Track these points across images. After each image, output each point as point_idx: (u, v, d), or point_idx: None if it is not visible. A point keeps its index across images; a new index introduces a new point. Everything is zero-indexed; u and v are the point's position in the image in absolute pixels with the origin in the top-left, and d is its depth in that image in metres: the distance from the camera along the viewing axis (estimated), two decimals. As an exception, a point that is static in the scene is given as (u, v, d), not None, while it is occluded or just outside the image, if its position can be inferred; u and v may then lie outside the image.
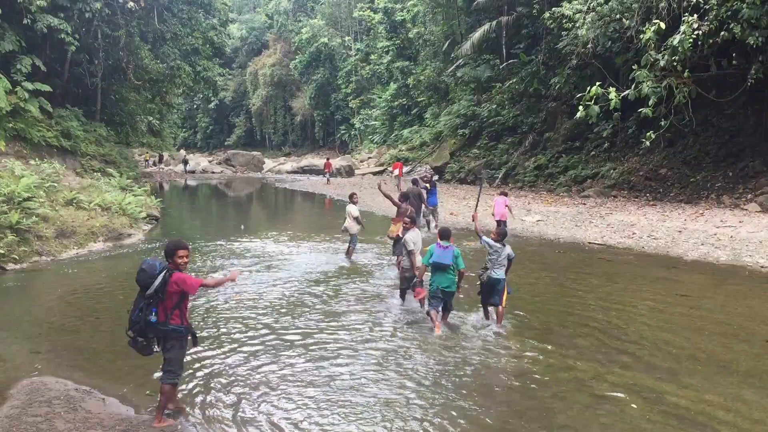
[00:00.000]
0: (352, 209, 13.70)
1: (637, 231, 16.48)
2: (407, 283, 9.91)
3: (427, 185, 17.75)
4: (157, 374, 6.14)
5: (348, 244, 14.11)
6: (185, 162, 54.76)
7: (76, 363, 7.52)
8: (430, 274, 8.92)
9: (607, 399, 6.38)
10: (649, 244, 15.09)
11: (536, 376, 7.04)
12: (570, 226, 18.17)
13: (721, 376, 6.97)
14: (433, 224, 17.58)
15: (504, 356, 7.71)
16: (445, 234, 8.87)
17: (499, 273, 8.76)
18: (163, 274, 5.51)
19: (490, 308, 8.97)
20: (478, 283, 8.96)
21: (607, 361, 7.46)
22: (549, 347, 7.94)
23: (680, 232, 15.80)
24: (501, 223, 16.19)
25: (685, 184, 21.30)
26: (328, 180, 42.41)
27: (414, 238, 9.76)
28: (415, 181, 17.54)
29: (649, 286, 11.44)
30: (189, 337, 5.78)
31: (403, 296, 10.19)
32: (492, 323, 8.88)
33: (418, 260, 9.53)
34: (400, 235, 10.84)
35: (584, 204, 22.07)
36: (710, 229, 15.67)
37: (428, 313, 8.79)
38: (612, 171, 24.54)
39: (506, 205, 16.97)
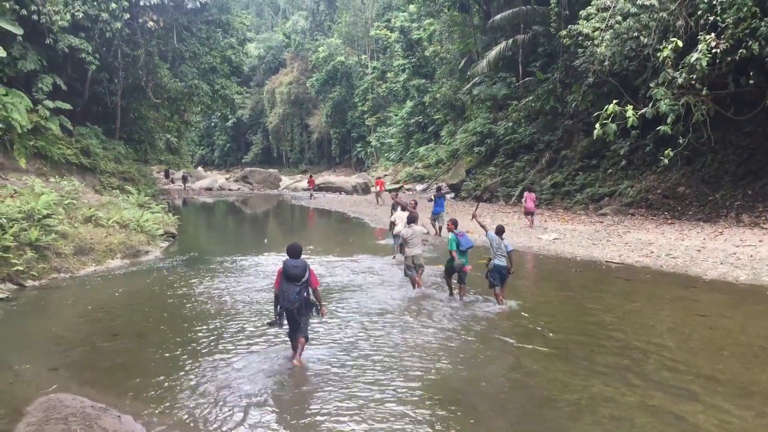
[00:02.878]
0: (403, 215, 15.31)
1: (655, 249, 16.30)
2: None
3: (431, 197, 20.91)
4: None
5: (395, 245, 16.21)
6: (184, 179, 54.87)
7: (92, 380, 7.57)
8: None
9: (625, 420, 6.29)
10: (668, 262, 14.92)
11: (552, 394, 6.97)
12: (587, 244, 18.02)
13: (741, 397, 6.85)
14: (438, 228, 20.39)
15: (519, 374, 7.64)
16: (456, 223, 11.54)
17: (501, 261, 10.81)
18: (308, 267, 7.77)
19: (496, 289, 10.95)
20: (487, 270, 10.98)
21: (625, 381, 7.36)
22: (565, 366, 7.87)
23: (699, 251, 15.61)
24: (530, 214, 21.71)
25: (703, 202, 21.04)
26: (311, 195, 44.59)
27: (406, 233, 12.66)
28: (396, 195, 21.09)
29: (667, 305, 11.31)
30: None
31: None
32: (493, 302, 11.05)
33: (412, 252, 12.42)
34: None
35: (601, 222, 21.90)
36: (729, 248, 15.45)
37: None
38: (629, 189, 24.31)
39: (534, 200, 21.77)
